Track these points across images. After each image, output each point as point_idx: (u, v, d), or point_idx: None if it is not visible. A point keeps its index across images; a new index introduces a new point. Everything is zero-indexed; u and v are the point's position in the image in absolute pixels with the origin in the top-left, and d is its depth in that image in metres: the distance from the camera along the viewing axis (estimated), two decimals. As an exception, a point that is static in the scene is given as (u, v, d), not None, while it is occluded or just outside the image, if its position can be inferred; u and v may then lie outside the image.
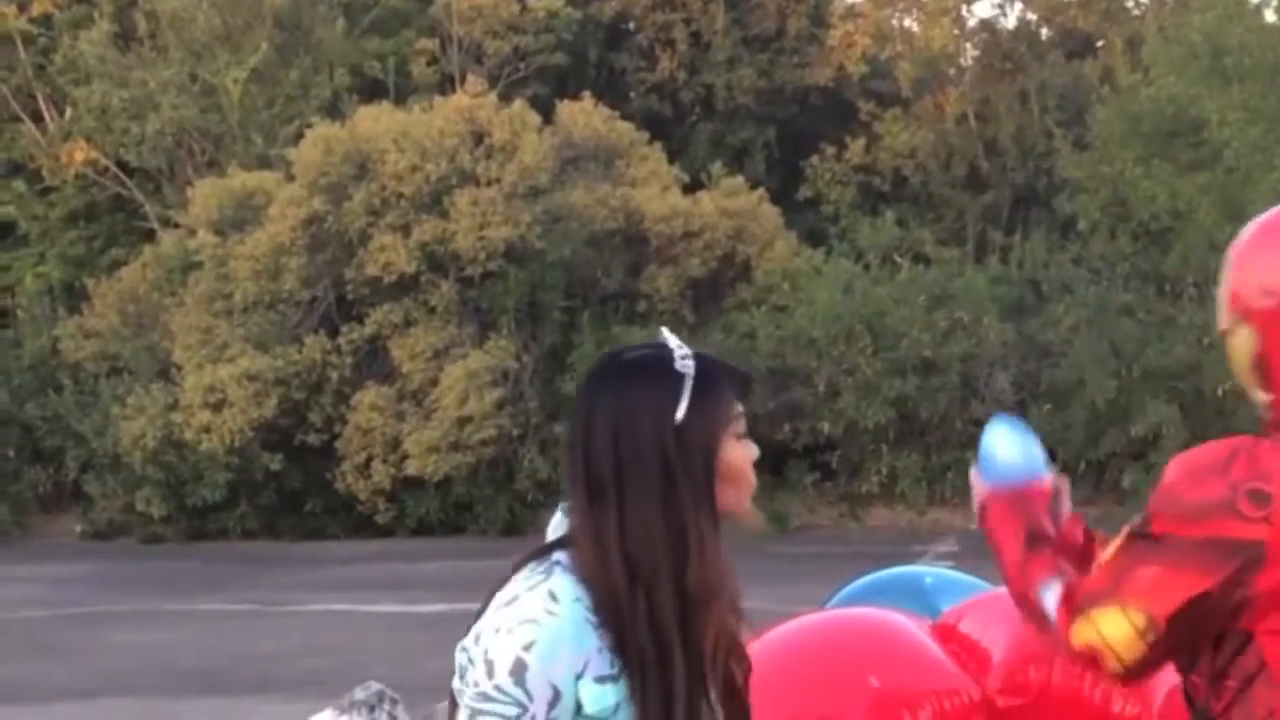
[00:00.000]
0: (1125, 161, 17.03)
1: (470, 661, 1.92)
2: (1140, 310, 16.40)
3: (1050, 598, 2.28)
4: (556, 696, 1.90)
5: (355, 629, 11.55)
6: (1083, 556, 2.41)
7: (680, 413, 2.00)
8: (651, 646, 1.94)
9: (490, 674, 1.89)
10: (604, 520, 1.98)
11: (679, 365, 2.03)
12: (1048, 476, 2.51)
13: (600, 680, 1.92)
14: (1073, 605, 2.24)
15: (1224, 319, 2.33)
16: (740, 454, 2.06)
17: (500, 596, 1.95)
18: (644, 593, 1.95)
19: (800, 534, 16.34)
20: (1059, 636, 2.27)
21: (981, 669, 3.85)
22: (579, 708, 1.92)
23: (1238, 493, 2.14)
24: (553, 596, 1.93)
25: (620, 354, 2.12)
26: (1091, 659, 2.24)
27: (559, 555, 1.98)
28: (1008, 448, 2.53)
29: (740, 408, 2.09)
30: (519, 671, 1.90)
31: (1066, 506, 2.50)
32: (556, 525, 2.05)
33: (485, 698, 1.89)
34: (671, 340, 2.08)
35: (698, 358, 2.06)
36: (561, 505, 2.06)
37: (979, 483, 2.48)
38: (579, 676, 1.92)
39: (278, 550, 16.27)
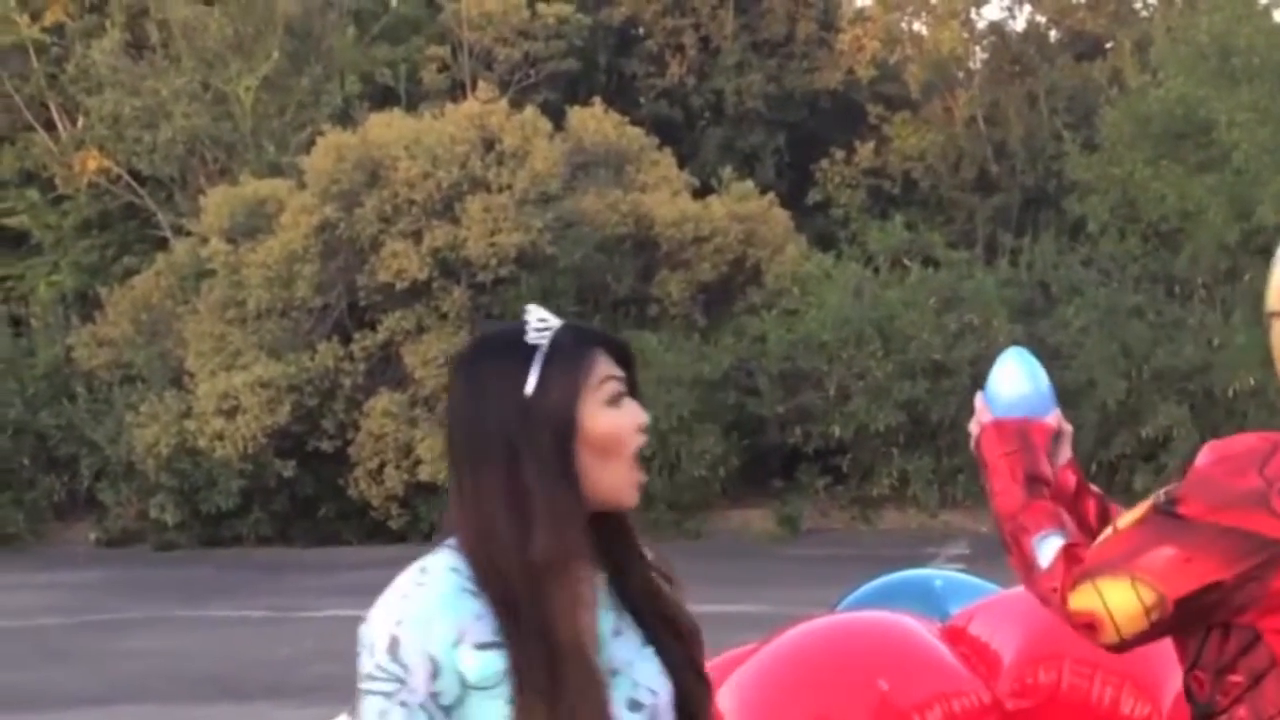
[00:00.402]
0: (1134, 163, 17.04)
1: (359, 648, 1.94)
2: (1150, 311, 16.41)
3: (1047, 550, 2.28)
4: (435, 667, 1.90)
5: (369, 634, 11.58)
6: (1073, 505, 2.42)
7: (530, 385, 1.98)
8: (521, 616, 1.93)
9: (371, 654, 1.91)
10: (461, 493, 2.00)
11: (531, 338, 2.01)
12: (1052, 414, 2.51)
13: (481, 647, 1.91)
14: (1075, 566, 2.24)
15: (1271, 302, 2.30)
16: (607, 420, 2.00)
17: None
18: (498, 563, 1.94)
19: (811, 537, 16.36)
20: (1042, 589, 2.28)
21: (991, 671, 3.88)
22: (464, 679, 1.91)
23: (1272, 488, 2.12)
24: (423, 570, 1.95)
25: (480, 335, 2.15)
26: (1087, 624, 2.25)
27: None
28: (1016, 379, 2.55)
29: (613, 371, 2.04)
30: (394, 647, 1.91)
31: (1066, 450, 2.51)
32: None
33: (369, 678, 1.90)
34: (533, 314, 2.04)
35: (560, 329, 2.03)
36: None
37: (983, 410, 2.49)
38: (456, 644, 1.91)
39: (291, 556, 16.32)
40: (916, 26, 21.86)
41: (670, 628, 2.05)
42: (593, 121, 18.05)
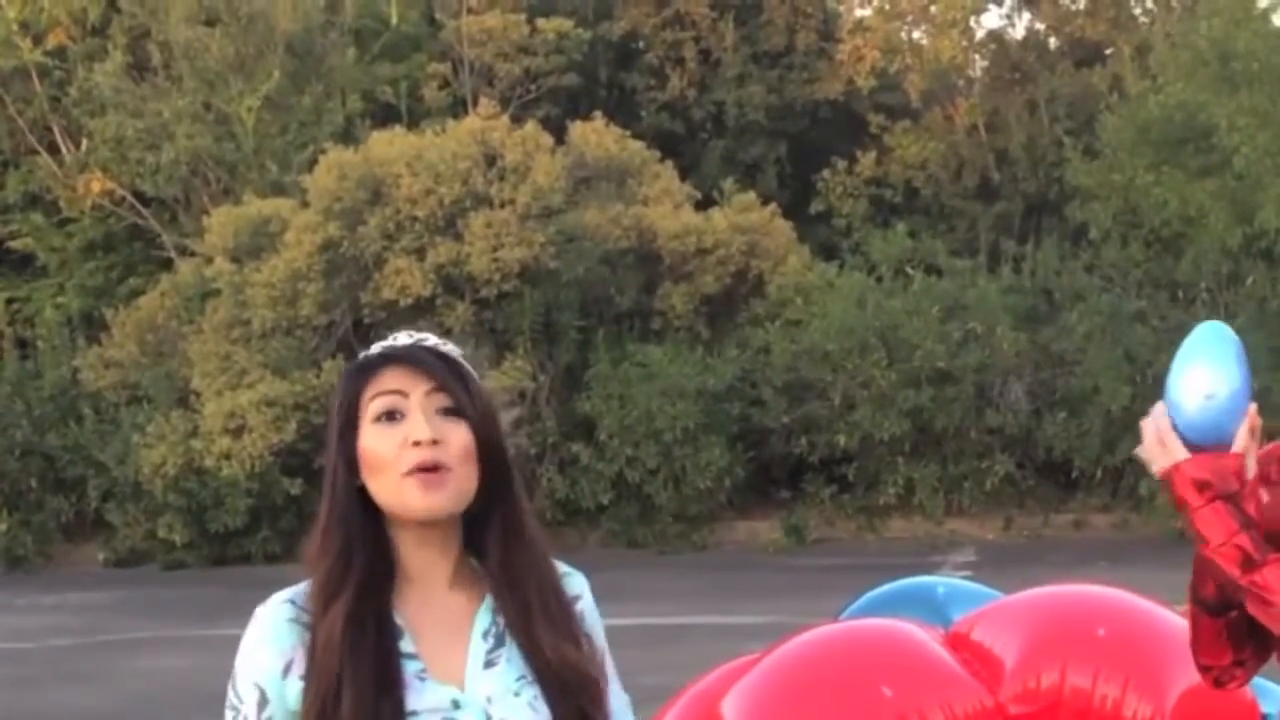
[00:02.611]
0: (1135, 169, 17.07)
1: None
2: (1153, 317, 16.43)
3: None
4: (263, 697, 1.95)
5: (378, 651, 11.60)
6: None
7: (334, 408, 2.03)
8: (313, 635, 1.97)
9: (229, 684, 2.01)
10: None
11: (360, 356, 2.02)
12: (1244, 432, 2.33)
13: (304, 678, 1.95)
14: None
15: None
16: (368, 439, 1.97)
17: None
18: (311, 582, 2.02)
19: (818, 546, 16.38)
20: None
21: (994, 677, 3.90)
22: (291, 709, 1.95)
23: None
24: (264, 603, 2.02)
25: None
26: None
27: None
28: (1214, 408, 2.29)
29: (390, 387, 1.97)
30: (234, 677, 2.00)
31: (1253, 464, 2.38)
32: None
33: (228, 706, 2.00)
34: (401, 333, 2.03)
35: (386, 347, 2.00)
36: None
37: (1173, 441, 2.32)
38: (285, 674, 1.95)
39: (299, 574, 16.00)
40: (916, 36, 21.91)
41: (558, 670, 1.98)
42: (594, 136, 18.09)
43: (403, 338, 2.02)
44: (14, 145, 20.69)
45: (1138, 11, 21.91)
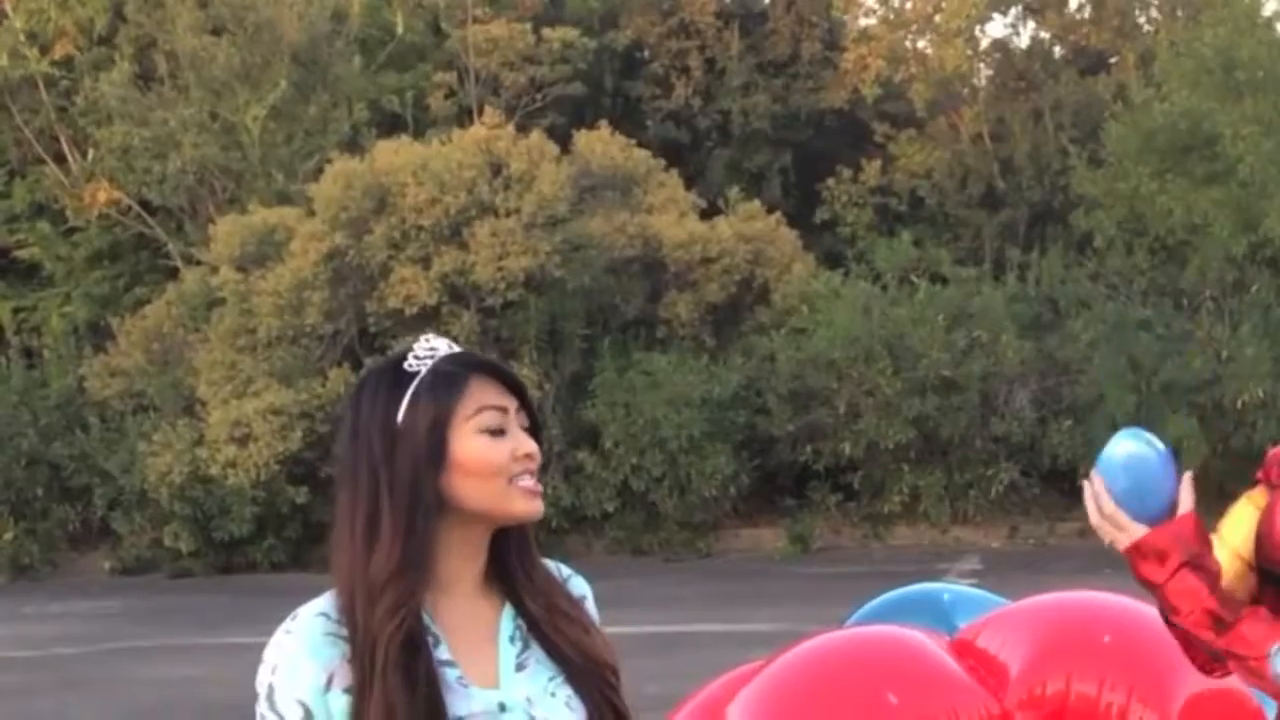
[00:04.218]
0: (1140, 177, 17.07)
1: None
2: (1158, 325, 16.43)
3: None
4: (307, 713, 1.94)
5: (384, 659, 11.60)
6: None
7: (400, 413, 1.98)
8: (362, 649, 1.94)
9: (258, 703, 1.98)
10: (337, 523, 2.02)
11: (409, 365, 2.01)
12: (1188, 492, 2.39)
13: (348, 691, 1.94)
14: None
15: None
16: (476, 447, 1.99)
17: None
18: (348, 595, 1.98)
19: (823, 554, 16.38)
20: None
21: (999, 684, 3.91)
22: None
23: None
24: (293, 617, 2.00)
25: (372, 365, 2.15)
26: None
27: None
28: (1146, 470, 2.37)
29: (491, 401, 2.01)
30: (270, 696, 1.97)
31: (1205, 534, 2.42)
32: None
33: None
34: (422, 341, 2.05)
35: (442, 357, 2.01)
36: None
37: (1125, 520, 2.36)
38: (327, 690, 1.94)
39: (305, 582, 16.30)
40: (921, 45, 21.93)
41: (582, 663, 2.02)
42: (599, 144, 18.12)
43: (442, 345, 2.04)
44: (21, 155, 20.74)
45: (1142, 20, 21.93)
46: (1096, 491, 2.43)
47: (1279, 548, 2.45)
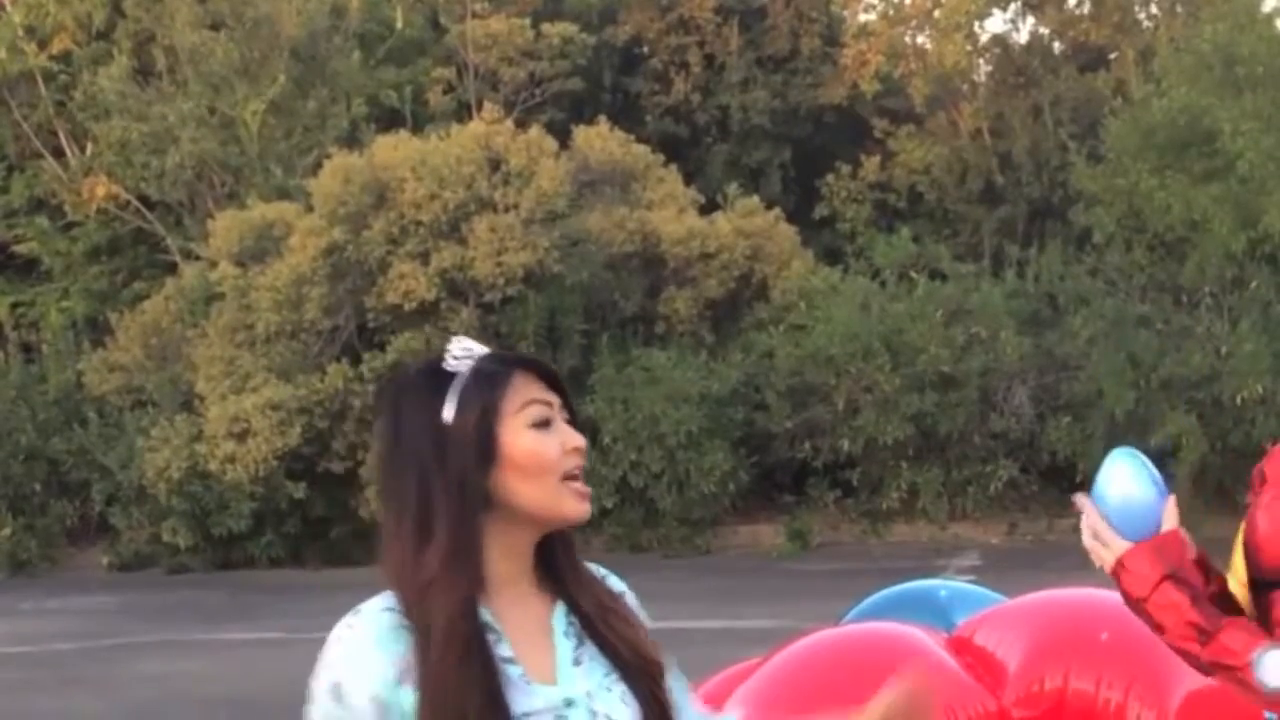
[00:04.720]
0: (1139, 173, 17.06)
1: (308, 703, 1.95)
2: (1157, 321, 16.43)
3: (1274, 666, 2.26)
4: (381, 707, 1.89)
5: (382, 655, 11.60)
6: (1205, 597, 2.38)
7: (447, 412, 1.97)
8: (422, 647, 1.92)
9: (318, 704, 1.93)
10: (386, 529, 2.00)
11: (449, 365, 2.00)
12: (1172, 510, 2.44)
13: (417, 688, 1.91)
14: None
15: None
16: (529, 443, 1.99)
17: None
18: (410, 597, 1.95)
19: (822, 551, 16.38)
20: None
21: (996, 681, 3.91)
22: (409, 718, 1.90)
23: None
24: (355, 613, 1.96)
25: (403, 368, 2.12)
26: None
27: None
28: (1133, 489, 2.43)
29: (538, 395, 2.02)
30: (337, 692, 1.91)
31: (1189, 539, 2.46)
32: None
33: None
34: (456, 342, 2.04)
35: (482, 356, 2.02)
36: None
37: (1111, 536, 2.41)
38: (400, 683, 1.91)
39: (303, 578, 16.36)
40: (920, 40, 21.91)
41: (634, 660, 2.03)
42: (598, 140, 18.11)
43: (476, 346, 2.05)
44: (19, 150, 20.73)
45: (1142, 16, 21.91)
46: (1086, 511, 2.46)
47: (1259, 549, 2.44)
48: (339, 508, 17.17)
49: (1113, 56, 21.40)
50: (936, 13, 21.22)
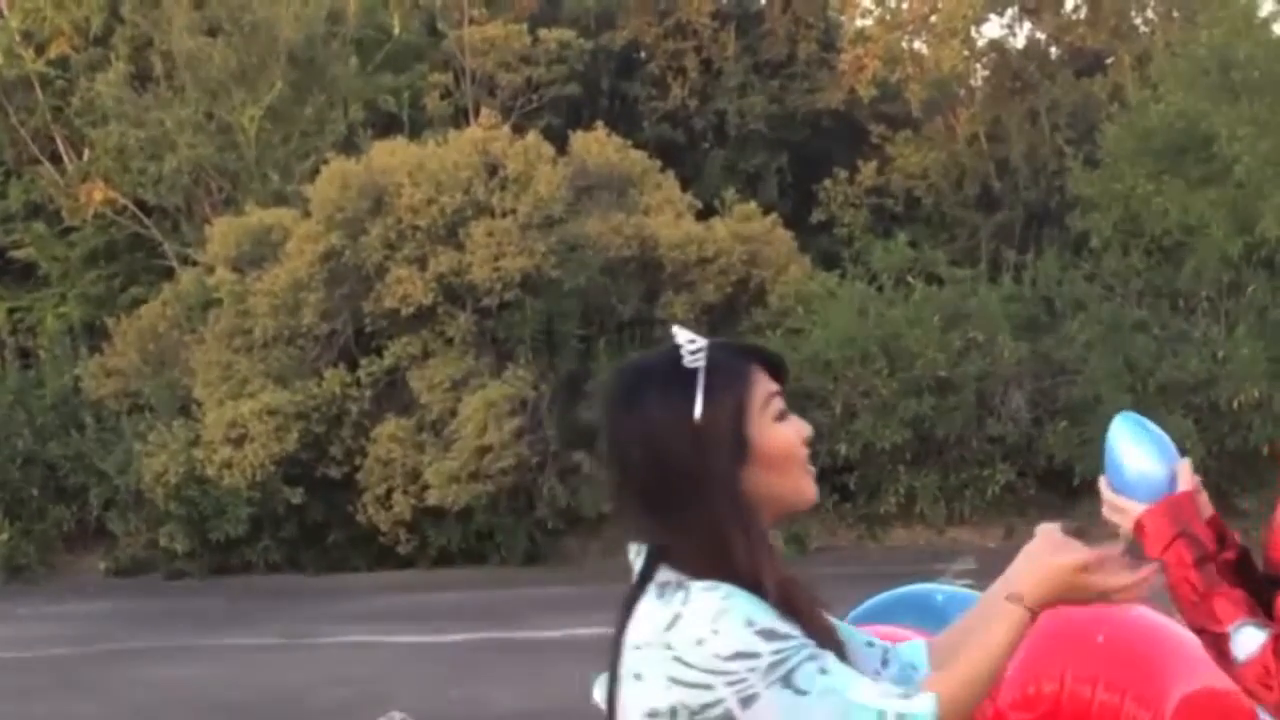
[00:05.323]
0: (1136, 178, 17.09)
1: (732, 673, 1.89)
2: (1154, 325, 16.45)
3: (1245, 641, 2.32)
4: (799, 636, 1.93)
5: (379, 659, 11.62)
6: (1216, 559, 2.41)
7: (697, 410, 1.97)
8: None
9: (757, 653, 1.89)
10: (653, 529, 1.98)
11: (688, 362, 1.99)
12: (1184, 471, 2.46)
13: None
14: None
15: None
16: (779, 435, 2.02)
17: (652, 631, 1.92)
18: (746, 583, 1.95)
19: (820, 555, 16.36)
20: (1248, 682, 2.32)
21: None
22: None
23: None
24: (723, 594, 1.93)
25: (634, 365, 2.09)
26: None
27: (665, 576, 1.96)
28: (1143, 454, 2.46)
29: (773, 387, 2.03)
30: (770, 633, 1.92)
31: (1207, 505, 2.48)
32: (634, 557, 2.03)
33: (776, 665, 1.89)
34: (682, 336, 2.03)
35: (712, 348, 2.01)
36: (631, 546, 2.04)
37: (1125, 502, 2.44)
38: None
39: (301, 583, 16.36)
40: (917, 45, 21.94)
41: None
42: (595, 145, 18.12)
43: (697, 336, 2.04)
44: (16, 155, 20.73)
45: (1138, 21, 21.95)
46: (1101, 487, 2.49)
47: (1276, 547, 2.45)
48: (336, 513, 17.16)
49: (1109, 61, 21.43)
50: (933, 18, 21.25)
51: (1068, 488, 16.70)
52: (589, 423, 16.82)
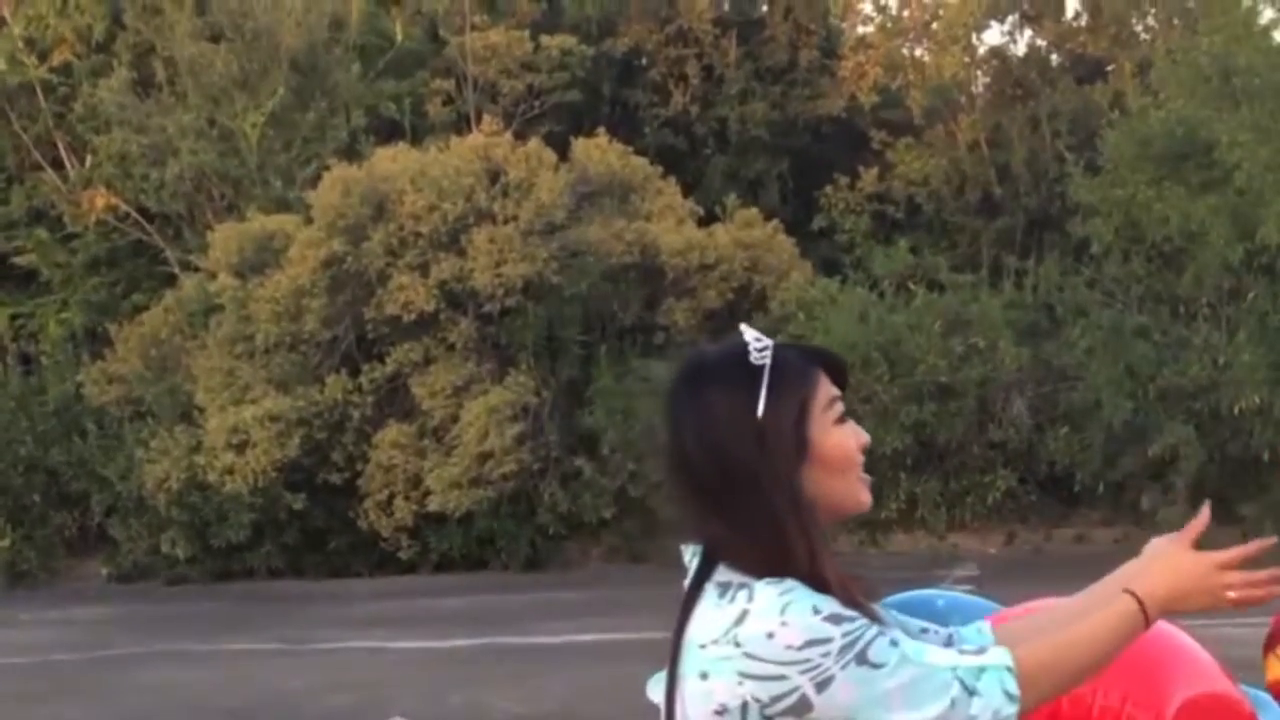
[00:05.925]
0: (1137, 184, 17.09)
1: (769, 676, 1.88)
2: (1155, 331, 16.46)
3: None
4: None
5: (381, 665, 11.64)
6: None
7: (760, 408, 1.97)
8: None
9: (828, 637, 1.89)
10: (708, 522, 1.97)
11: (755, 359, 2.00)
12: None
13: None
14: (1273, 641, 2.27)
15: None
16: (838, 438, 2.01)
17: (718, 629, 1.91)
18: (808, 582, 1.94)
19: (822, 562, 16.38)
20: None
21: (994, 689, 3.90)
22: None
23: None
24: (783, 589, 1.92)
25: (698, 357, 2.08)
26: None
27: (725, 575, 1.96)
28: None
29: (835, 391, 2.03)
30: (837, 618, 1.91)
31: None
32: (689, 559, 2.02)
33: (847, 648, 1.88)
34: (749, 334, 2.04)
35: (779, 347, 2.02)
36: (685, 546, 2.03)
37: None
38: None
39: (302, 589, 16.37)
40: (918, 52, 21.97)
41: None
42: (597, 152, 18.14)
43: (763, 336, 2.05)
44: (19, 161, 20.76)
45: (1139, 28, 21.96)
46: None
47: None
48: (338, 519, 17.18)
49: (1110, 68, 21.44)
50: (934, 25, 21.28)
51: (1069, 494, 16.73)
52: (591, 429, 16.85)
